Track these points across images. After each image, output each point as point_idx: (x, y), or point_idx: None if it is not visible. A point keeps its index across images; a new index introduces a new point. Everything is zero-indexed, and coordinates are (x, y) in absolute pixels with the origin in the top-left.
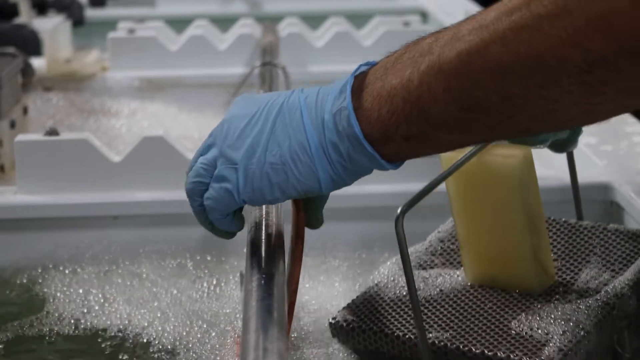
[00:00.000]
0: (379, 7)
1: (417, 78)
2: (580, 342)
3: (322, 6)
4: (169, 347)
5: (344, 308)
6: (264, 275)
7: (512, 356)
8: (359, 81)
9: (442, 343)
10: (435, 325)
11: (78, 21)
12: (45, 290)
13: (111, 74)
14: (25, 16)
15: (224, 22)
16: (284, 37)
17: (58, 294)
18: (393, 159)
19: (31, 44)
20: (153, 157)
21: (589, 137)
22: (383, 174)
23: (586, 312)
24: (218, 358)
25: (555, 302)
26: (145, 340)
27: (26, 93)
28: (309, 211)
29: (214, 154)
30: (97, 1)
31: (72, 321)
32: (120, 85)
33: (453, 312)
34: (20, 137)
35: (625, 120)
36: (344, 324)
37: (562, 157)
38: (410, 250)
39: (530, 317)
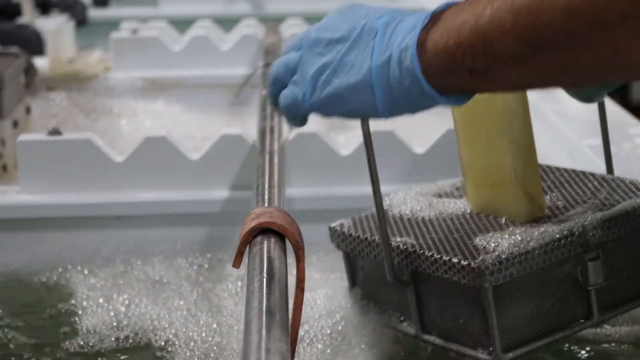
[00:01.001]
0: None
1: (488, 13)
2: (521, 255)
3: (325, 6)
4: (198, 345)
5: (351, 218)
6: (265, 276)
7: (453, 259)
8: (435, 18)
9: (405, 246)
10: (411, 235)
11: (81, 21)
12: (68, 293)
13: (114, 74)
14: (28, 16)
15: (226, 23)
16: (287, 37)
17: (79, 297)
18: (454, 90)
19: (34, 44)
20: (156, 158)
21: (592, 138)
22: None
23: (542, 233)
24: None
25: (525, 226)
26: (173, 340)
27: (29, 93)
28: None
29: (296, 60)
30: (100, 1)
31: (102, 324)
32: (123, 85)
33: (434, 228)
34: (23, 137)
35: (628, 122)
36: (337, 229)
37: (563, 158)
38: (439, 183)
39: (495, 235)
